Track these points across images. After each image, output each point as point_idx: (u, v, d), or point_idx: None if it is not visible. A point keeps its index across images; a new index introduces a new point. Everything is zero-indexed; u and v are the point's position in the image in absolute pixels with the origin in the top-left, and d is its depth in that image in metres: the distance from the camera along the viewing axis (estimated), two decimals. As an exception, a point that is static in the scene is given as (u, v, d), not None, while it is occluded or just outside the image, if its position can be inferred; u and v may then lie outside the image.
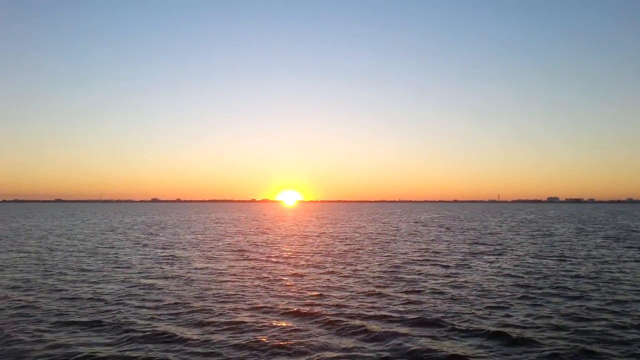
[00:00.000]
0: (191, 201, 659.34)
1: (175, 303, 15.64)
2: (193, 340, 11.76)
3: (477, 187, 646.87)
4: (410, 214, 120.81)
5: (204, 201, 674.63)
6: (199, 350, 11.08)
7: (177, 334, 12.20)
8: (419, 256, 28.33)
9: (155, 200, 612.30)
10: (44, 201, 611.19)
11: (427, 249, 32.60)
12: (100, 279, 20.29)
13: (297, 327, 12.84)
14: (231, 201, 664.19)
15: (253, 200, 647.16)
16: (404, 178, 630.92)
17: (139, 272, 22.07)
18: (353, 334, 12.24)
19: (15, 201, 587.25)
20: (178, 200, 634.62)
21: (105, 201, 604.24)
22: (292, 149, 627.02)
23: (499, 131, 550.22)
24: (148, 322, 13.34)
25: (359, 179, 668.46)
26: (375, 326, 12.86)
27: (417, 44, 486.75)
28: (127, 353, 10.85)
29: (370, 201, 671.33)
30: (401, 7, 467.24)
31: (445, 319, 13.55)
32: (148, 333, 12.27)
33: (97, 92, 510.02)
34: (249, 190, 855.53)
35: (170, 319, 13.75)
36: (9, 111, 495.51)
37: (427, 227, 58.83)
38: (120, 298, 16.54)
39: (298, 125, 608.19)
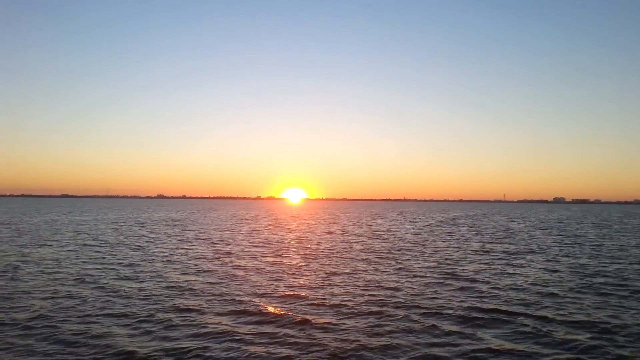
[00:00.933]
0: (197, 198, 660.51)
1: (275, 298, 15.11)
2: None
3: (483, 187, 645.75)
4: (428, 213, 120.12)
5: (209, 198, 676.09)
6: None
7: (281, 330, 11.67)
8: (491, 258, 27.64)
9: (161, 197, 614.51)
10: (50, 196, 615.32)
11: (484, 249, 31.99)
12: (170, 273, 19.81)
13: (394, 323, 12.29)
14: (236, 198, 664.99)
15: (258, 198, 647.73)
16: (409, 177, 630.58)
17: (199, 268, 21.59)
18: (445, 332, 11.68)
19: (23, 196, 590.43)
20: (184, 197, 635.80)
21: (112, 197, 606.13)
22: (297, 146, 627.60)
23: (504, 130, 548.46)
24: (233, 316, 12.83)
25: (363, 177, 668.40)
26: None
27: (423, 42, 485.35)
28: (205, 349, 10.32)
29: (375, 200, 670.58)
30: (407, 4, 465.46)
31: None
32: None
33: (106, 89, 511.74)
34: (254, 187, 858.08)
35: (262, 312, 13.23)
36: (16, 107, 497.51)
37: (457, 227, 58.14)
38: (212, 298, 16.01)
39: (303, 123, 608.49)
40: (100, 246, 31.12)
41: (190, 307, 14.34)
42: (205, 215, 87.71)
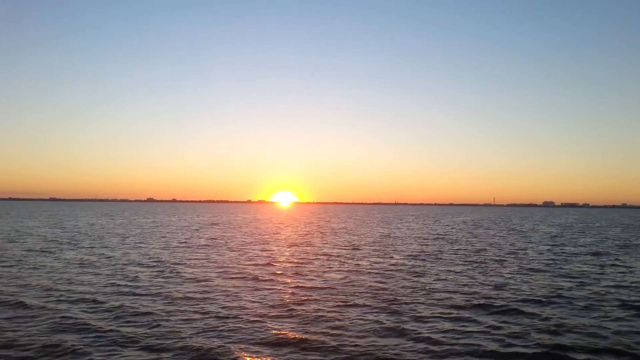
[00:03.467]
0: (187, 201, 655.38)
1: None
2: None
3: (473, 191, 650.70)
4: (430, 217, 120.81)
5: (200, 201, 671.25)
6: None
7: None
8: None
9: (150, 200, 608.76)
10: (38, 199, 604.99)
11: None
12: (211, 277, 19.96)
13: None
14: (227, 202, 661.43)
15: (249, 201, 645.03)
16: (399, 180, 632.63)
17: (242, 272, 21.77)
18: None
19: (10, 199, 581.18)
20: (174, 200, 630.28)
21: (101, 200, 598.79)
22: (287, 149, 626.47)
23: (494, 135, 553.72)
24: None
25: (354, 181, 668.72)
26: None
27: (414, 45, 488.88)
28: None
29: (366, 203, 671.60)
30: (401, 7, 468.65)
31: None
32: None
33: (93, 90, 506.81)
34: (245, 191, 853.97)
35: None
36: (2, 108, 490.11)
37: (485, 229, 58.74)
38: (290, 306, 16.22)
39: (294, 125, 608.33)
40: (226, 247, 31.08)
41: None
42: (241, 218, 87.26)
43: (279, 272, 22.34)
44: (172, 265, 24.19)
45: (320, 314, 14.33)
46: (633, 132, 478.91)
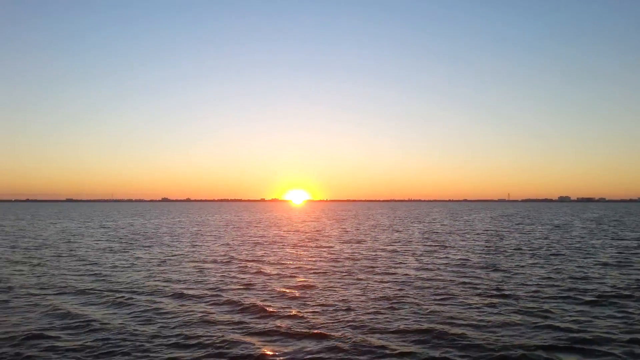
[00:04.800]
0: (201, 200, 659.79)
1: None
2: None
3: (487, 186, 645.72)
4: (454, 213, 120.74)
5: (214, 200, 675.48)
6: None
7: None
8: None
9: (165, 200, 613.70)
10: (55, 201, 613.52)
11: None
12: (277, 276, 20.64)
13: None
14: (241, 200, 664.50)
15: (262, 200, 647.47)
16: (413, 177, 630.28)
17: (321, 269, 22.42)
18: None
19: (27, 201, 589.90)
20: (188, 200, 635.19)
21: (117, 201, 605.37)
22: (300, 147, 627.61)
23: (508, 129, 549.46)
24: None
25: (366, 178, 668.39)
26: None
27: (426, 42, 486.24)
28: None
29: (379, 200, 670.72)
30: (412, 6, 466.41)
31: None
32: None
33: (108, 92, 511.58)
34: (258, 189, 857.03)
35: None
36: (19, 110, 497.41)
37: (525, 224, 58.89)
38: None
39: (306, 124, 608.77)
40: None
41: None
42: (239, 218, 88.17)
43: (359, 267, 22.92)
44: (256, 263, 24.96)
45: (426, 306, 14.94)
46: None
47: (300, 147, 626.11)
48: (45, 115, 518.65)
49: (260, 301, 15.62)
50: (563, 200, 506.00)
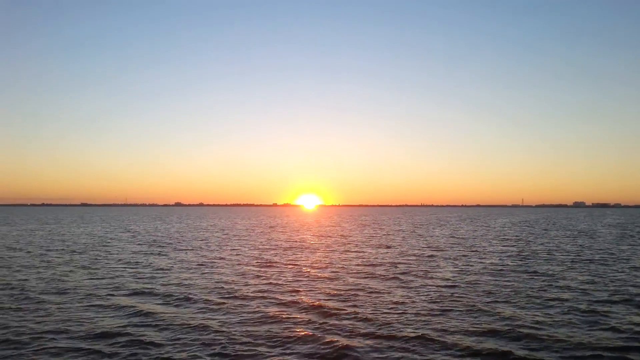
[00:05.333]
0: (214, 205, 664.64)
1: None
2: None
3: (500, 192, 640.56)
4: (473, 219, 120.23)
5: (226, 205, 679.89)
6: None
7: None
8: None
9: (178, 204, 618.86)
10: (70, 205, 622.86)
11: None
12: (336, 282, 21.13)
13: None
14: (253, 205, 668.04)
15: (275, 205, 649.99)
16: (426, 182, 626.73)
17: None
18: None
19: (43, 205, 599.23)
20: (201, 204, 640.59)
21: (131, 205, 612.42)
22: (311, 152, 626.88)
23: (522, 134, 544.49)
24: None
25: (378, 183, 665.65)
26: None
27: (439, 45, 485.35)
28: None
29: (391, 205, 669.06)
30: (422, 8, 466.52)
31: None
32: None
33: (122, 96, 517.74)
34: (270, 194, 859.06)
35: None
36: (34, 115, 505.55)
37: (545, 230, 58.81)
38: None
39: (317, 129, 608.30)
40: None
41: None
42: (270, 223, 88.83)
43: (401, 271, 23.33)
44: (300, 266, 25.50)
45: (482, 307, 15.33)
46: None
47: (311, 152, 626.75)
48: (60, 120, 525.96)
49: (322, 302, 16.14)
50: (578, 205, 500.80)
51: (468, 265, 25.94)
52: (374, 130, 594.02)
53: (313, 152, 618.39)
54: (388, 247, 37.13)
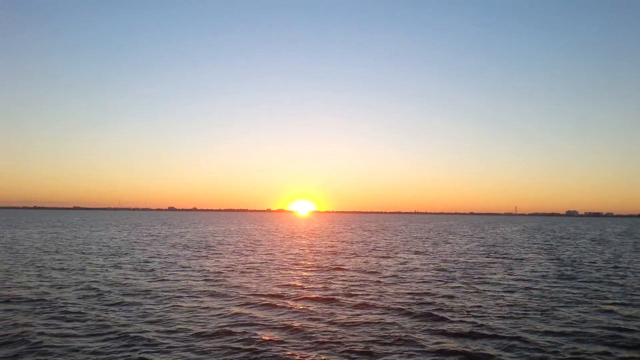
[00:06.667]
0: (208, 210, 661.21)
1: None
2: None
3: (494, 200, 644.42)
4: (475, 227, 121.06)
5: (220, 210, 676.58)
6: None
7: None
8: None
9: (172, 209, 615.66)
10: (62, 208, 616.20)
11: None
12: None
13: None
14: (247, 210, 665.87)
15: (269, 210, 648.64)
16: (420, 189, 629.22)
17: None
18: None
19: (35, 208, 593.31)
20: (194, 209, 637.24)
21: (124, 209, 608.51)
22: (305, 158, 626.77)
23: (515, 143, 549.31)
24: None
25: (373, 190, 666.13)
26: None
27: (432, 53, 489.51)
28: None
29: (385, 212, 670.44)
30: (419, 15, 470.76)
31: None
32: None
33: (114, 100, 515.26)
34: (264, 199, 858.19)
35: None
36: (25, 118, 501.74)
37: (558, 238, 59.58)
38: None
39: (311, 135, 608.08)
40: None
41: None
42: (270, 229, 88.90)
43: (456, 276, 23.82)
44: (345, 270, 25.92)
45: (553, 312, 15.87)
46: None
47: (305, 158, 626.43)
48: (52, 122, 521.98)
49: (394, 304, 16.56)
50: (571, 214, 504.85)
51: (520, 270, 26.52)
52: (368, 137, 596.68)
53: (306, 157, 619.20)
54: (417, 252, 37.63)
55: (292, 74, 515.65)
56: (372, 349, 11.57)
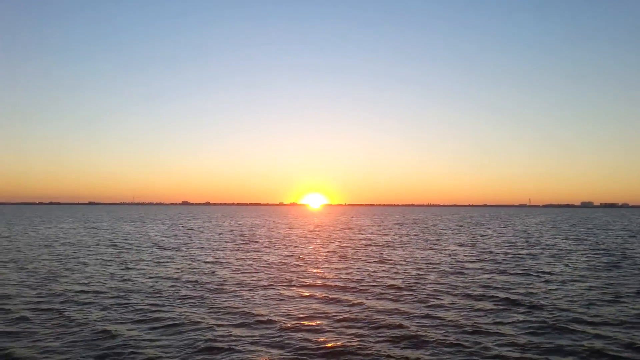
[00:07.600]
0: (221, 204, 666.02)
1: None
2: None
3: (507, 191, 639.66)
4: (495, 219, 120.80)
5: (233, 204, 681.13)
6: None
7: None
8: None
9: (185, 203, 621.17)
10: (78, 204, 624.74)
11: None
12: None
13: None
14: (259, 204, 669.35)
15: (281, 204, 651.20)
16: (432, 182, 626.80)
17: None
18: None
19: (50, 204, 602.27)
20: (207, 204, 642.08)
21: (138, 204, 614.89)
22: (317, 151, 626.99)
23: (529, 134, 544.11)
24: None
25: (385, 183, 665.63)
26: None
27: (444, 45, 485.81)
28: None
29: (398, 205, 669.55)
30: (425, 8, 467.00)
31: None
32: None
33: (129, 95, 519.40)
34: (276, 193, 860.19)
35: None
36: (40, 113, 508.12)
37: (591, 230, 59.61)
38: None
39: (324, 128, 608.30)
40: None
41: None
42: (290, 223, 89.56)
43: (512, 267, 24.35)
44: (405, 264, 26.57)
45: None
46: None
47: (317, 151, 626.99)
48: (67, 118, 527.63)
49: (472, 295, 17.18)
50: (586, 205, 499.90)
51: (569, 260, 26.99)
52: (379, 130, 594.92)
53: (318, 151, 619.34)
54: (465, 245, 38.11)
55: (305, 69, 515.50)
56: (461, 342, 11.86)
